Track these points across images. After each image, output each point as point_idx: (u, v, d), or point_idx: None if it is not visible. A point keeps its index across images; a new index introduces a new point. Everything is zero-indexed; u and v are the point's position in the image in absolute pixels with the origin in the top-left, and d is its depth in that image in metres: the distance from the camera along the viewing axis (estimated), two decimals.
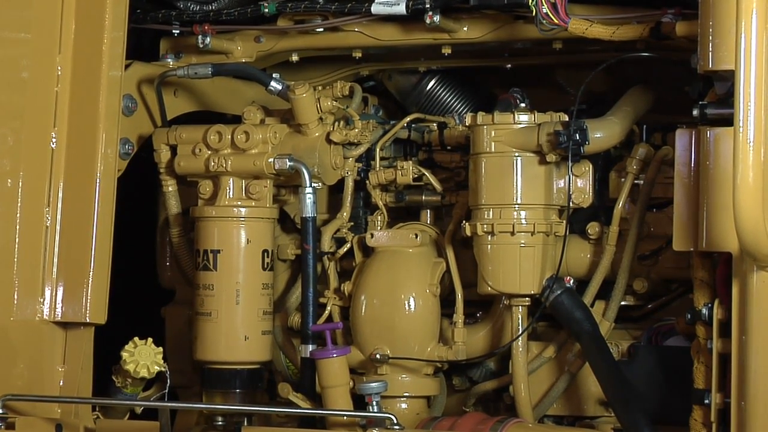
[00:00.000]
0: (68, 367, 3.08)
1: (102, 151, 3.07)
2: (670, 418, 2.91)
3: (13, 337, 3.04)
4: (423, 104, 3.47)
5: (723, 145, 2.66)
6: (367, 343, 3.19)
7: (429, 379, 3.22)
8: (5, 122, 3.04)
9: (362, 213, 3.34)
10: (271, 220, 3.26)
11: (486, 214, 3.06)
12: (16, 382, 3.04)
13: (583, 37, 2.99)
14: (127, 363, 3.02)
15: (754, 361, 2.65)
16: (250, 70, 3.32)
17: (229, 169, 3.22)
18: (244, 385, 3.22)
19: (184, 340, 3.32)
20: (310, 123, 3.24)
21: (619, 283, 3.09)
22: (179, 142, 3.28)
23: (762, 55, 2.46)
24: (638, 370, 3.05)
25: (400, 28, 3.20)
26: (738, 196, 2.47)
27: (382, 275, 3.21)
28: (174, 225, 3.39)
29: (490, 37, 3.18)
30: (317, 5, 3.22)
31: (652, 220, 3.09)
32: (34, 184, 3.06)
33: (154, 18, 3.34)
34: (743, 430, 2.66)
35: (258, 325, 3.21)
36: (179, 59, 3.39)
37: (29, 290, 3.04)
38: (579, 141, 2.97)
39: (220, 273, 3.19)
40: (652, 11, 2.96)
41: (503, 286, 3.08)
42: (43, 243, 3.06)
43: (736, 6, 2.46)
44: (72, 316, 3.06)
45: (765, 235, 2.52)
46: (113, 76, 3.09)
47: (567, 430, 3.13)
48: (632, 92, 3.14)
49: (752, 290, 2.65)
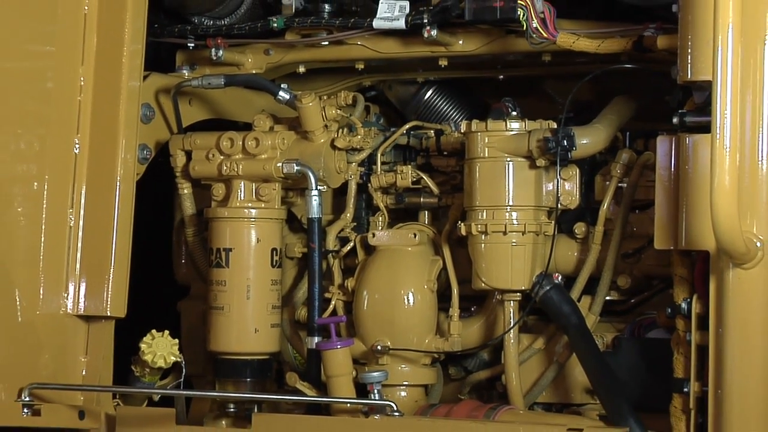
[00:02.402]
0: (90, 357, 3.09)
1: (122, 157, 3.08)
2: (651, 405, 2.91)
3: (38, 329, 3.04)
4: (421, 113, 3.47)
5: (701, 150, 2.66)
6: (368, 336, 3.20)
7: (427, 368, 3.23)
8: (32, 129, 3.04)
9: (364, 214, 3.34)
10: (279, 221, 3.26)
11: (480, 215, 3.06)
12: (41, 371, 3.04)
13: (571, 50, 3.00)
14: (146, 354, 3.03)
15: (730, 352, 2.66)
16: (260, 80, 3.32)
17: (240, 173, 3.21)
18: (254, 374, 3.21)
19: (198, 332, 3.32)
20: (316, 130, 3.24)
21: (604, 279, 3.09)
22: (194, 148, 3.28)
23: (737, 67, 2.47)
24: (622, 360, 3.05)
25: (399, 42, 3.20)
26: (715, 198, 2.47)
27: (383, 272, 3.21)
28: (189, 225, 3.38)
29: (483, 50, 3.17)
30: (323, 20, 3.22)
31: (634, 220, 3.09)
32: (59, 187, 3.06)
33: (170, 32, 3.34)
34: (720, 417, 2.67)
35: (267, 319, 3.21)
36: (194, 70, 3.39)
37: (54, 286, 3.05)
38: (567, 147, 2.97)
39: (232, 270, 3.19)
40: (635, 26, 2.96)
41: (496, 282, 3.08)
42: (67, 242, 3.06)
43: (713, 21, 2.46)
44: (94, 309, 3.07)
45: (740, 234, 2.53)
46: (132, 86, 3.10)
47: (555, 416, 3.12)
48: (616, 101, 3.14)
49: (728, 286, 2.65)
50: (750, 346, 2.64)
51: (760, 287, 2.63)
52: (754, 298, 2.64)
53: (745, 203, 2.60)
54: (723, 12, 2.46)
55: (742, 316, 2.64)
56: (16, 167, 3.03)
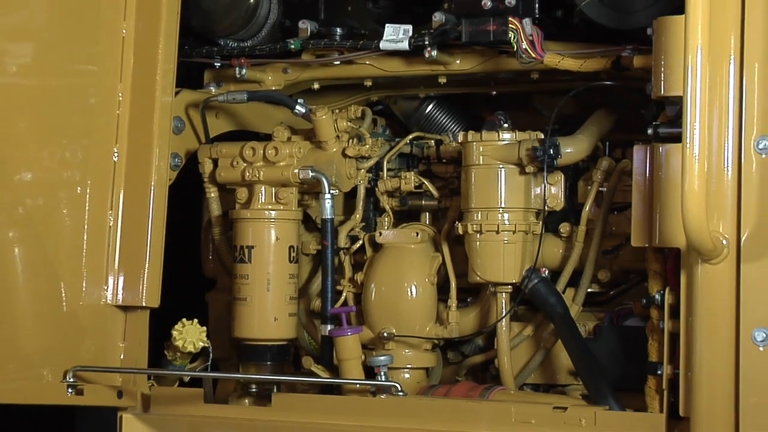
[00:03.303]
0: (128, 343, 3.09)
1: (155, 164, 3.08)
2: (628, 385, 2.90)
3: (81, 318, 3.04)
4: (423, 125, 3.47)
5: (673, 158, 2.65)
6: (376, 324, 3.19)
7: (428, 353, 3.22)
8: (75, 140, 3.04)
9: (372, 215, 3.33)
10: (296, 221, 3.25)
11: (475, 216, 3.06)
12: (84, 356, 3.04)
13: (556, 69, 2.99)
14: (177, 340, 3.04)
15: (698, 339, 2.65)
16: (279, 96, 3.32)
17: (261, 179, 3.21)
18: (274, 358, 3.21)
19: (224, 320, 3.32)
20: (329, 140, 3.24)
21: (586, 273, 3.09)
22: (220, 156, 3.27)
23: (705, 84, 2.46)
24: (602, 346, 3.04)
25: (403, 61, 3.20)
26: (685, 201, 2.47)
27: (389, 267, 3.21)
28: (216, 225, 3.38)
29: (478, 69, 3.17)
30: (335, 42, 3.22)
31: (613, 220, 3.09)
32: (99, 191, 3.06)
33: (199, 53, 3.34)
34: (689, 396, 2.66)
35: (285, 308, 3.20)
36: (220, 87, 3.39)
37: (95, 279, 3.05)
38: (553, 155, 2.97)
39: (254, 265, 3.18)
40: (614, 47, 2.95)
41: (489, 275, 3.07)
42: (107, 240, 3.06)
43: (683, 43, 2.46)
44: (131, 300, 3.06)
45: (708, 233, 2.53)
46: (165, 101, 3.11)
47: (543, 396, 3.12)
48: (597, 114, 3.13)
49: (697, 280, 2.65)
50: (716, 333, 2.63)
51: (725, 281, 2.62)
52: (720, 290, 2.63)
53: (712, 205, 2.60)
54: (692, 35, 2.45)
55: (709, 306, 2.63)
56: (62, 173, 3.03)
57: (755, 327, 2.59)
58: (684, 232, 2.51)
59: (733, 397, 2.61)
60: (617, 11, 2.88)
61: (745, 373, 2.60)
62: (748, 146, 2.61)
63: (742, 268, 2.60)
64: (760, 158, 2.60)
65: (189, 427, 3.05)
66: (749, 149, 2.60)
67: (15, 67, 3.01)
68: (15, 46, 3.00)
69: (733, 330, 2.61)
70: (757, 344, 2.59)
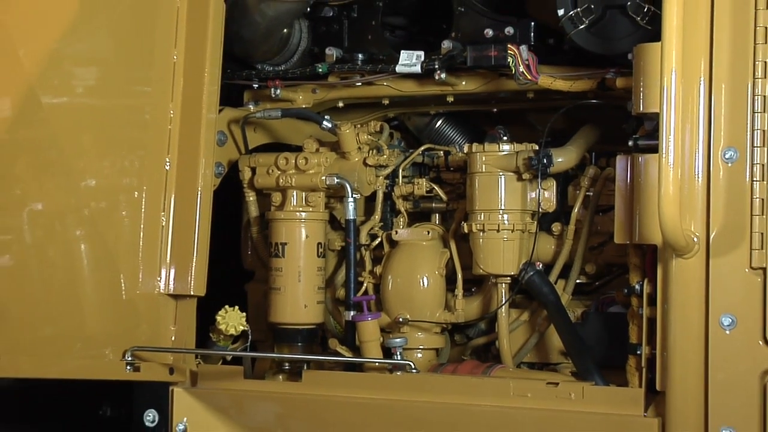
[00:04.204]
0: (178, 327, 3.08)
1: (202, 172, 3.07)
2: (612, 364, 2.90)
3: (138, 305, 3.04)
4: (433, 138, 3.46)
5: (651, 167, 2.65)
6: (392, 310, 3.19)
7: (437, 336, 3.22)
8: (133, 151, 3.04)
9: (389, 216, 3.33)
10: (323, 221, 3.25)
11: (479, 217, 3.06)
12: (140, 337, 3.04)
13: (549, 89, 2.99)
14: (220, 324, 3.04)
15: (672, 323, 2.65)
16: (308, 113, 3.31)
17: (293, 185, 3.21)
18: (304, 340, 3.21)
19: (261, 307, 3.31)
20: (352, 151, 3.24)
21: (575, 266, 3.08)
22: (257, 165, 3.28)
23: (679, 102, 2.48)
24: (589, 330, 3.04)
25: (416, 83, 3.20)
26: (661, 204, 2.47)
27: (404, 261, 3.21)
28: (254, 224, 3.38)
29: (481, 89, 3.17)
30: (357, 66, 3.22)
31: (599, 221, 3.08)
32: (153, 195, 3.05)
33: (239, 76, 3.34)
34: (664, 373, 2.66)
35: (314, 297, 3.20)
36: (257, 105, 3.39)
37: (150, 271, 3.04)
38: (546, 164, 2.97)
39: (287, 259, 3.18)
40: (599, 70, 2.95)
41: (491, 268, 3.07)
42: (160, 238, 3.05)
43: (660, 67, 2.47)
44: (180, 290, 3.06)
45: (681, 232, 2.53)
46: (210, 117, 3.10)
47: (538, 373, 3.11)
48: (584, 129, 3.13)
49: (672, 272, 2.65)
50: (688, 318, 2.63)
51: (696, 273, 2.62)
52: (691, 281, 2.63)
53: (684, 207, 2.60)
54: (667, 60, 2.46)
55: (682, 295, 2.63)
56: (121, 180, 3.03)
57: (722, 313, 2.60)
58: (660, 230, 2.52)
59: (703, 374, 2.61)
60: (602, 39, 2.88)
61: (713, 353, 2.60)
62: (716, 156, 2.61)
63: (711, 262, 2.61)
64: (726, 166, 2.61)
65: (231, 399, 3.04)
66: (717, 159, 2.61)
67: (81, 88, 3.02)
68: (81, 71, 3.01)
69: (702, 316, 2.62)
70: (724, 328, 2.60)
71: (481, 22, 3.05)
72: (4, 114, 2.97)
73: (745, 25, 2.58)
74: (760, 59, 2.57)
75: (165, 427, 3.05)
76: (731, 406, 2.58)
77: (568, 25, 2.89)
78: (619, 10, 2.83)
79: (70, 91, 3.00)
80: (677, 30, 2.45)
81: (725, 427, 2.59)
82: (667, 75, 2.46)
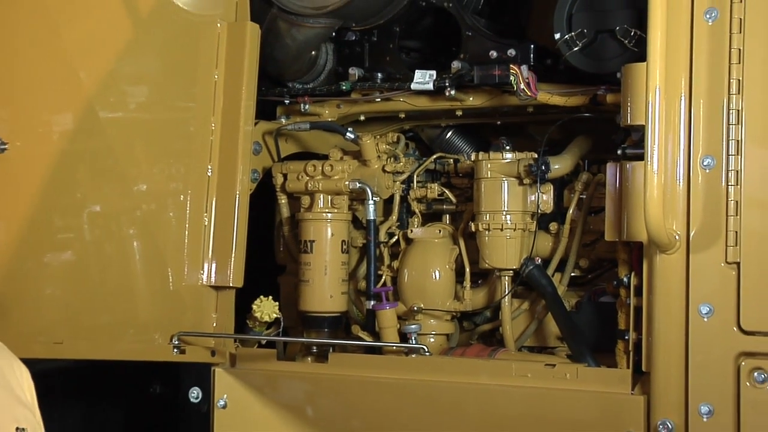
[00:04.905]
0: (219, 314, 3.09)
1: (239, 178, 3.08)
2: (602, 347, 2.90)
3: (184, 295, 3.06)
4: (444, 147, 3.44)
5: (637, 173, 2.65)
6: (408, 300, 3.19)
7: (448, 322, 3.22)
8: (179, 159, 3.05)
9: (405, 217, 3.32)
10: (347, 221, 3.25)
11: (484, 217, 3.06)
12: (185, 324, 3.05)
13: (547, 104, 2.99)
14: (256, 312, 3.04)
15: (656, 312, 2.65)
16: (334, 125, 3.32)
17: (320, 189, 3.22)
18: (330, 326, 3.21)
19: (291, 297, 3.32)
20: (372, 159, 3.25)
21: (570, 261, 3.08)
22: (288, 172, 3.28)
23: (662, 115, 2.48)
24: (582, 317, 3.04)
25: (429, 99, 3.19)
26: (647, 206, 2.48)
27: (418, 256, 3.21)
28: (285, 224, 3.39)
29: (487, 104, 3.17)
30: (376, 84, 3.22)
31: (591, 220, 3.07)
32: (197, 198, 3.06)
33: (273, 93, 3.34)
34: (649, 356, 2.66)
35: (339, 288, 3.20)
36: (289, 119, 3.38)
37: (194, 266, 3.05)
38: (544, 171, 2.97)
39: (315, 255, 3.18)
40: (592, 87, 2.95)
41: (495, 263, 3.07)
42: (203, 236, 3.06)
43: (645, 84, 2.47)
44: (221, 281, 3.06)
45: (664, 230, 2.53)
46: (247, 130, 3.10)
47: (537, 356, 3.11)
48: (578, 139, 3.12)
49: (656, 266, 2.65)
50: (670, 307, 2.64)
51: (678, 267, 2.63)
52: (673, 274, 2.63)
53: (667, 209, 2.60)
54: (652, 77, 2.47)
55: (665, 286, 2.64)
56: (169, 185, 3.05)
57: (700, 302, 2.60)
58: (646, 229, 2.53)
59: (684, 356, 2.61)
60: (594, 60, 2.88)
61: (692, 338, 2.60)
62: (695, 163, 2.61)
63: (691, 257, 2.61)
64: (705, 172, 2.61)
65: (265, 378, 3.05)
66: (696, 166, 2.61)
67: (134, 104, 3.04)
68: (134, 89, 3.03)
69: (683, 305, 2.61)
70: (702, 316, 2.60)
71: (487, 45, 3.06)
72: (67, 127, 3.00)
73: (720, 48, 2.58)
74: (734, 77, 2.57)
75: (207, 402, 3.06)
76: (709, 384, 2.59)
77: (563, 47, 2.89)
78: (609, 34, 2.84)
79: (124, 107, 3.02)
80: (661, 51, 2.47)
81: (703, 403, 2.59)
82: (651, 91, 2.47)
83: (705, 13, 2.60)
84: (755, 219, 2.56)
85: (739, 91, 2.57)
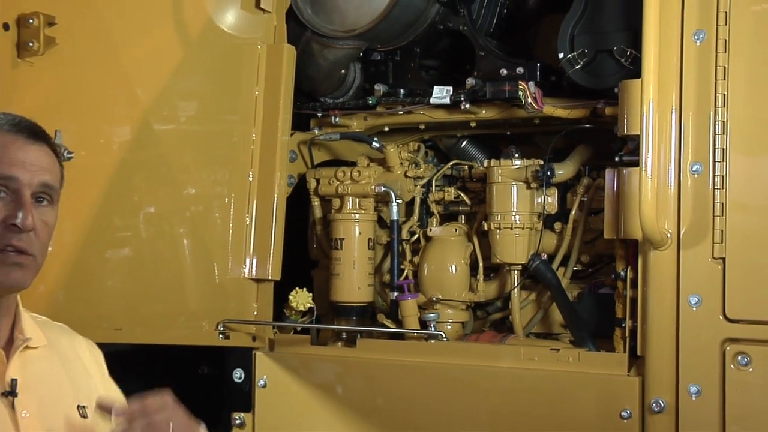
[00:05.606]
0: (259, 304, 3.09)
1: (278, 183, 3.09)
2: (602, 334, 2.90)
3: (228, 287, 3.07)
4: (459, 155, 3.42)
5: (633, 178, 2.65)
6: (427, 291, 3.19)
7: (463, 311, 3.22)
8: (224, 166, 3.07)
9: (425, 217, 3.32)
10: (373, 221, 3.26)
11: (496, 218, 3.06)
12: (230, 312, 3.07)
13: (552, 116, 2.99)
14: (292, 302, 3.06)
15: (650, 302, 2.66)
16: (361, 135, 3.32)
17: (349, 192, 3.23)
18: (358, 315, 3.21)
19: (324, 289, 3.32)
20: (395, 166, 3.25)
21: (573, 257, 3.07)
22: (320, 177, 3.29)
23: (655, 126, 2.50)
24: (584, 307, 3.03)
25: (446, 112, 3.19)
26: (641, 207, 2.50)
27: (437, 252, 3.21)
28: (318, 224, 3.39)
29: (498, 116, 3.16)
30: (399, 99, 3.21)
31: (592, 220, 3.06)
32: (240, 201, 3.08)
33: (307, 107, 3.34)
34: (644, 342, 2.66)
35: (366, 281, 3.21)
36: (321, 130, 3.38)
37: (237, 260, 3.06)
38: (549, 176, 2.97)
39: (345, 251, 3.19)
40: (592, 101, 2.94)
41: (506, 258, 3.07)
42: (245, 234, 3.07)
43: (640, 98, 2.48)
44: (261, 275, 3.07)
45: (657, 229, 2.55)
46: (284, 140, 3.12)
47: (543, 341, 3.10)
48: (580, 147, 3.11)
49: (650, 261, 2.65)
50: (662, 298, 2.64)
51: (669, 262, 2.63)
52: (665, 268, 2.63)
53: (660, 210, 2.60)
54: (646, 93, 2.49)
55: (657, 279, 2.64)
56: (215, 189, 3.06)
57: (690, 294, 2.60)
58: (641, 228, 2.54)
59: (674, 342, 2.61)
60: (594, 76, 2.88)
61: (682, 326, 2.61)
62: (685, 169, 2.61)
63: (681, 253, 2.61)
64: (694, 177, 2.61)
65: (300, 361, 3.07)
66: (686, 171, 2.61)
67: (184, 118, 3.07)
68: (184, 104, 3.06)
69: (674, 296, 2.62)
70: (691, 306, 2.60)
71: (498, 64, 3.06)
72: (125, 138, 3.04)
73: (707, 65, 2.59)
74: (720, 92, 2.57)
75: (249, 382, 3.07)
76: (697, 367, 2.59)
77: (566, 65, 2.89)
78: (608, 53, 2.84)
79: (175, 120, 3.06)
80: (654, 69, 2.48)
81: (692, 384, 2.59)
82: (645, 105, 2.49)
83: (693, 35, 2.61)
84: (739, 219, 2.56)
85: (724, 105, 2.58)
